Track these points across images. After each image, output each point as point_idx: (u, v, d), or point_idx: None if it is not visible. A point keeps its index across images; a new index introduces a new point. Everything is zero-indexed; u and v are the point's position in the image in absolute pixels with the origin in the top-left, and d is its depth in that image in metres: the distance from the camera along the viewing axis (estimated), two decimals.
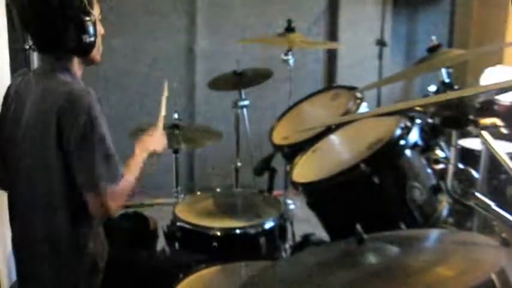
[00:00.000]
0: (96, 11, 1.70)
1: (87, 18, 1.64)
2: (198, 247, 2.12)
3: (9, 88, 1.80)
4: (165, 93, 2.27)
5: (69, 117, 1.57)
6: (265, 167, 2.57)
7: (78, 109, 1.57)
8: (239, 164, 3.10)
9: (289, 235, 2.40)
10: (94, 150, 1.57)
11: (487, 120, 1.55)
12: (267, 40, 3.18)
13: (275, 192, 2.59)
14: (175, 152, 2.68)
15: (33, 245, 1.70)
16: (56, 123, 1.58)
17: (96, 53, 1.74)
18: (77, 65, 1.72)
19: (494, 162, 1.62)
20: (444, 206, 1.76)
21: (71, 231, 1.66)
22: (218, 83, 3.09)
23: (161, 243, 2.30)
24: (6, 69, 2.40)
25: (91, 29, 1.65)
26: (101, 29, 1.76)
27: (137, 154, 1.78)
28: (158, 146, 1.88)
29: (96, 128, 1.58)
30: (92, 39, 1.67)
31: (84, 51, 1.69)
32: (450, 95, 1.68)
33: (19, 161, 1.70)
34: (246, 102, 3.04)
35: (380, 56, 4.10)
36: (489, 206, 1.50)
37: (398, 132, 1.74)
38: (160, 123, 2.04)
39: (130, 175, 1.69)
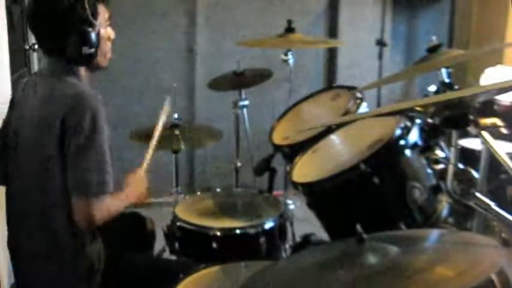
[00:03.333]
0: (101, 18, 1.70)
1: (90, 29, 1.64)
2: (198, 247, 2.12)
3: (15, 93, 1.82)
4: (164, 115, 2.22)
5: (73, 119, 1.57)
6: (265, 167, 2.57)
7: (84, 113, 1.57)
8: (239, 164, 3.10)
9: (289, 235, 2.40)
10: (90, 157, 1.57)
11: (487, 120, 1.55)
12: (267, 43, 3.18)
13: (275, 192, 2.59)
14: (175, 152, 2.68)
15: (30, 247, 1.70)
16: (60, 124, 1.58)
17: (102, 59, 1.74)
18: (83, 69, 1.72)
19: (494, 162, 1.62)
20: (444, 206, 1.76)
21: (69, 232, 1.65)
22: (218, 83, 3.09)
23: (160, 243, 2.30)
24: (6, 69, 2.40)
25: (92, 40, 1.64)
26: (110, 34, 1.75)
27: (123, 203, 1.75)
28: (139, 198, 1.84)
29: (98, 135, 1.57)
30: (92, 50, 1.65)
31: (84, 61, 1.69)
32: (450, 95, 1.68)
33: (20, 161, 1.70)
34: (246, 102, 3.04)
35: (380, 56, 4.09)
36: (489, 206, 1.50)
37: (398, 132, 1.74)
38: (146, 163, 1.97)
39: (114, 205, 1.68)
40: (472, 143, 2.48)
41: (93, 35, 1.64)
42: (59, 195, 1.62)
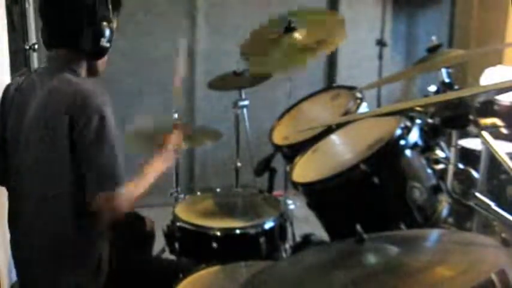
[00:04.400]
0: (114, 23, 1.73)
1: (109, 25, 1.69)
2: (198, 247, 2.12)
3: (7, 88, 1.79)
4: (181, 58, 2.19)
5: (82, 116, 1.58)
6: (265, 167, 2.57)
7: (91, 109, 1.58)
8: (239, 164, 3.10)
9: (289, 235, 2.40)
10: (105, 151, 1.58)
11: (487, 120, 1.55)
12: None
13: (275, 192, 2.59)
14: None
15: (35, 246, 1.69)
16: (68, 121, 1.58)
17: (102, 64, 1.77)
18: (83, 69, 1.73)
19: (494, 162, 1.62)
20: (444, 206, 1.76)
21: (75, 231, 1.65)
22: (218, 83, 3.09)
23: (159, 244, 2.30)
24: (6, 69, 2.40)
25: (109, 35, 1.69)
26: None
27: (149, 177, 1.76)
28: (168, 164, 1.88)
29: (108, 130, 1.59)
30: (108, 45, 1.70)
31: (99, 54, 1.72)
32: (450, 95, 1.68)
33: (23, 160, 1.69)
34: (246, 102, 3.04)
35: (380, 56, 4.10)
36: (489, 206, 1.51)
37: (398, 132, 1.74)
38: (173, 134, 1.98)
39: (136, 190, 1.69)
40: (472, 143, 2.48)
41: (110, 31, 1.70)
42: (66, 193, 1.62)
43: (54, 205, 1.64)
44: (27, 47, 2.64)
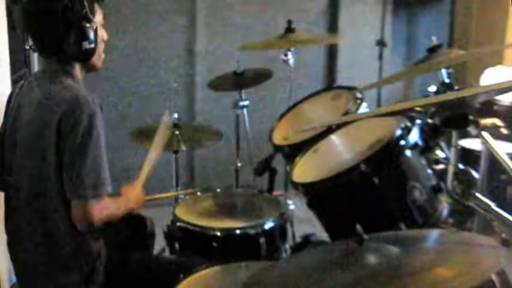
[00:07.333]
0: (98, 17, 1.70)
1: (88, 25, 1.65)
2: (198, 247, 2.12)
3: (12, 91, 1.82)
4: (163, 129, 2.17)
5: (70, 121, 1.58)
6: (265, 167, 2.57)
7: (81, 115, 1.57)
8: (239, 164, 3.10)
9: (289, 235, 2.40)
10: (87, 159, 1.57)
11: (487, 121, 1.55)
12: (267, 44, 3.17)
13: (275, 192, 2.59)
14: (175, 152, 2.68)
15: (30, 247, 1.69)
16: (57, 126, 1.58)
17: (97, 60, 1.75)
18: (78, 70, 1.73)
19: (494, 162, 1.62)
20: (444, 206, 1.76)
21: (69, 232, 1.65)
22: (218, 83, 3.09)
23: (160, 243, 2.30)
24: (6, 69, 2.40)
25: (92, 36, 1.66)
26: (103, 35, 1.76)
27: (120, 208, 1.76)
28: (137, 204, 1.86)
29: (94, 138, 1.58)
30: (92, 45, 1.67)
31: (84, 57, 1.70)
32: (450, 95, 1.68)
33: (18, 162, 1.70)
34: (246, 103, 3.04)
35: (380, 56, 4.10)
36: (489, 206, 1.51)
37: (398, 132, 1.74)
38: (144, 175, 1.96)
39: (111, 207, 1.69)
40: (472, 144, 2.48)
41: (92, 31, 1.66)
42: (58, 194, 1.62)
43: (46, 207, 1.65)
44: (27, 47, 2.63)
